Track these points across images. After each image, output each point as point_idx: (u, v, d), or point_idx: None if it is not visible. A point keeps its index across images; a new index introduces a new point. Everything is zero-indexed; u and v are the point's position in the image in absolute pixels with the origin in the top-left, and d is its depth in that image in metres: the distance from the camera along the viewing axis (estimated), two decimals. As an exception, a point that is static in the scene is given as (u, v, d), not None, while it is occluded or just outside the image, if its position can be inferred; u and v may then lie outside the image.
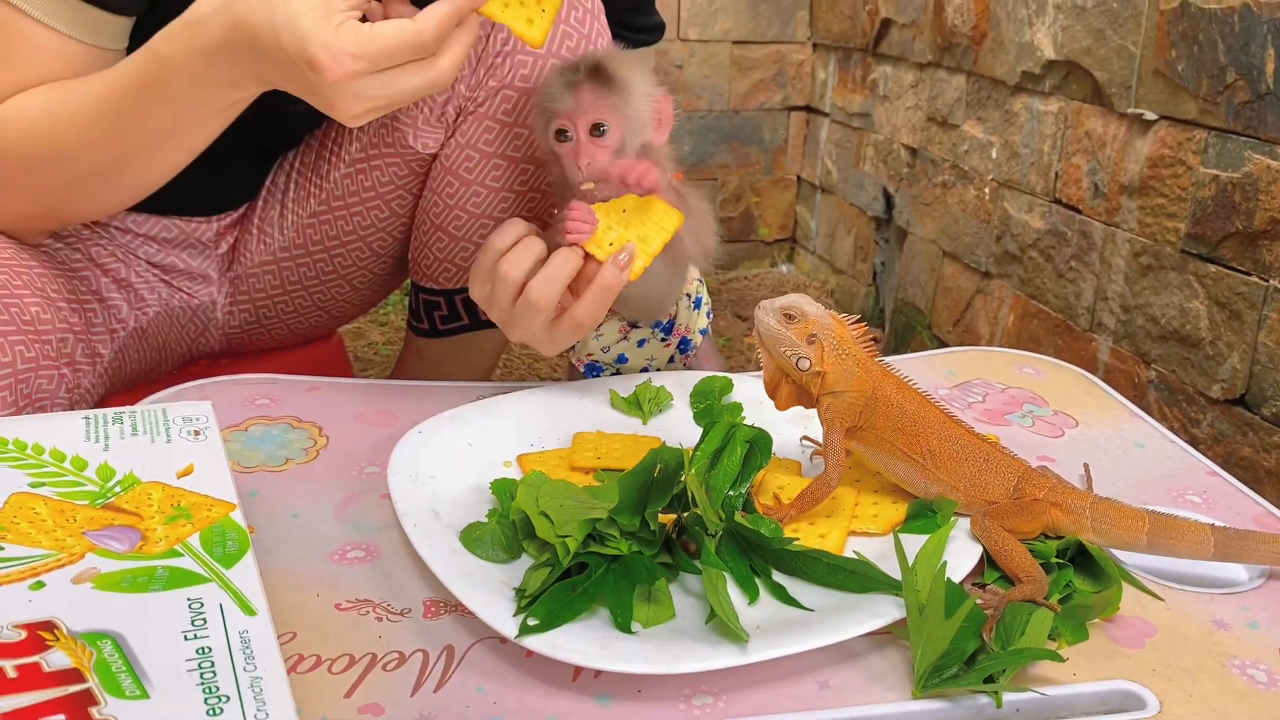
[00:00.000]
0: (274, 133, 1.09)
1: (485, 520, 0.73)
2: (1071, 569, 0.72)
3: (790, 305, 0.76)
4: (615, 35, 1.03)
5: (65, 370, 0.88)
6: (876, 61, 2.11)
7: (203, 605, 0.52)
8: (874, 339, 0.78)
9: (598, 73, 0.86)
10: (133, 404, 0.99)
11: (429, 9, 0.70)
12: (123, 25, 0.82)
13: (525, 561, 0.71)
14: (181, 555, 0.56)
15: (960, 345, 1.80)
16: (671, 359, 1.06)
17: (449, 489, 0.78)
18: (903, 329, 2.03)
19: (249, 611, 0.52)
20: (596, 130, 0.86)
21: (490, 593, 0.65)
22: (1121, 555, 0.75)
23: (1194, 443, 1.27)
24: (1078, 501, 0.74)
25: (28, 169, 0.82)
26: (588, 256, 0.84)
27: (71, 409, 0.90)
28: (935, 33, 1.85)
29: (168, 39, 0.74)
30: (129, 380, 1.08)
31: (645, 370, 1.05)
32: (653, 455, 0.70)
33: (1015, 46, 1.61)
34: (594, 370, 1.05)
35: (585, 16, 0.98)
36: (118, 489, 0.61)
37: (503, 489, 0.76)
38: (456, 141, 1.01)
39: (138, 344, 1.07)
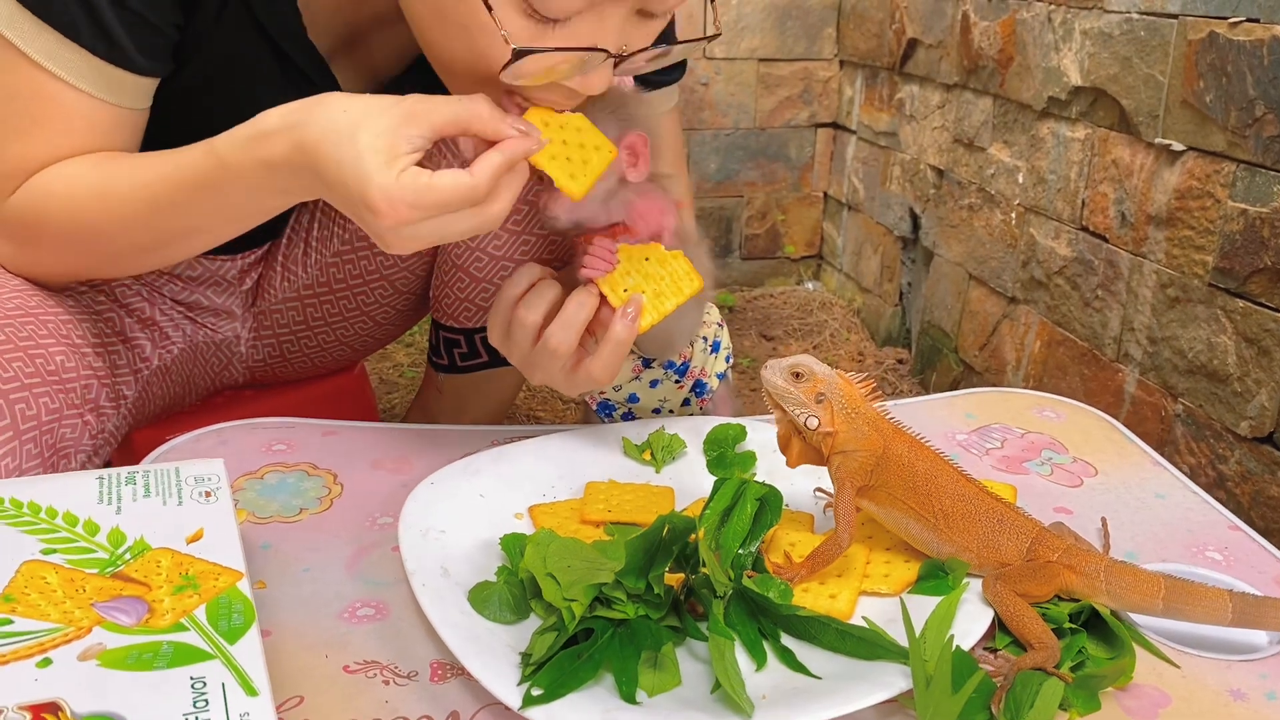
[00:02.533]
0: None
1: (494, 579, 0.73)
2: (1085, 634, 0.71)
3: (798, 364, 0.75)
4: (639, 79, 1.02)
5: (89, 417, 0.89)
6: (903, 81, 2.09)
7: (205, 685, 0.52)
8: (878, 390, 0.77)
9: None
10: (156, 436, 1.01)
11: (483, 158, 0.73)
12: (147, 86, 0.83)
13: (534, 621, 0.71)
14: (187, 629, 0.56)
15: (986, 369, 1.79)
16: (686, 402, 1.06)
17: (460, 543, 0.78)
18: (929, 351, 2.01)
19: (251, 692, 0.52)
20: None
21: (496, 659, 0.65)
22: (1137, 617, 0.74)
23: (1222, 479, 1.25)
24: (1092, 565, 0.73)
25: (66, 240, 0.84)
26: (602, 297, 0.84)
27: (95, 454, 0.91)
28: (962, 54, 1.84)
29: (231, 144, 0.76)
30: (153, 416, 1.09)
31: (657, 411, 1.04)
32: (662, 521, 0.70)
33: (1042, 71, 1.59)
34: (606, 408, 1.05)
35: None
36: (127, 555, 0.62)
37: (512, 545, 0.76)
38: None
39: (161, 381, 1.08)
